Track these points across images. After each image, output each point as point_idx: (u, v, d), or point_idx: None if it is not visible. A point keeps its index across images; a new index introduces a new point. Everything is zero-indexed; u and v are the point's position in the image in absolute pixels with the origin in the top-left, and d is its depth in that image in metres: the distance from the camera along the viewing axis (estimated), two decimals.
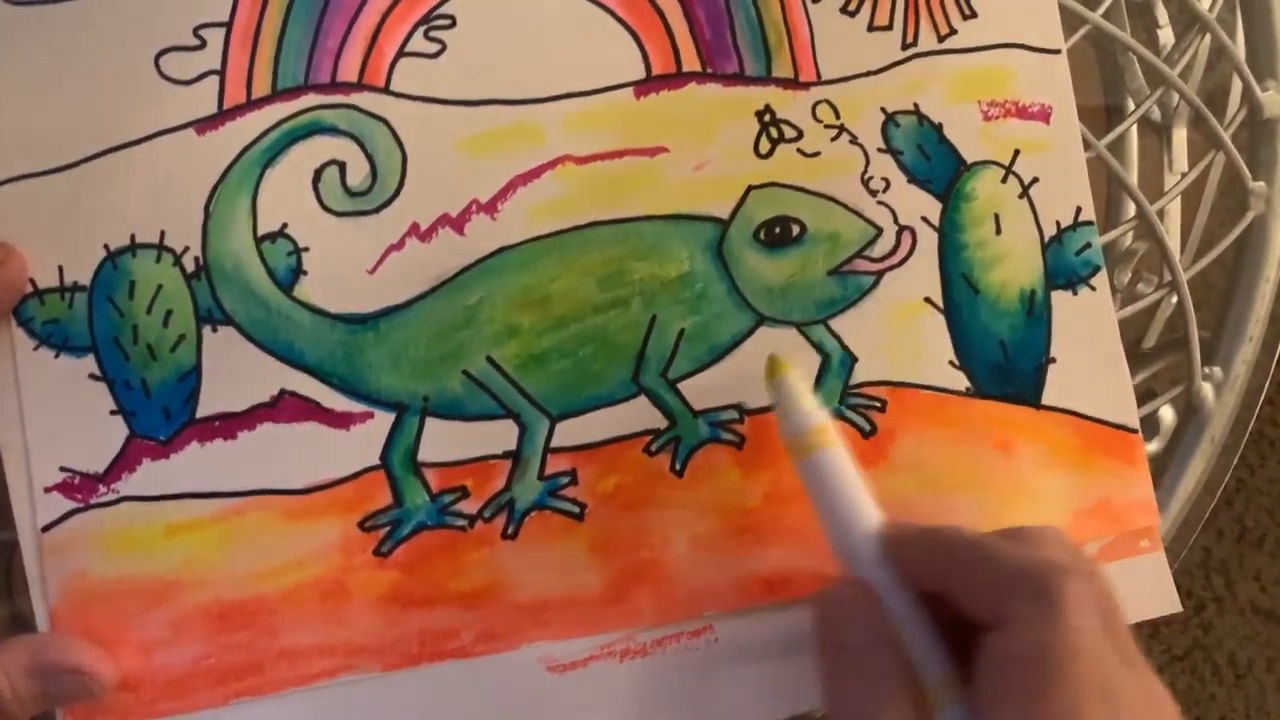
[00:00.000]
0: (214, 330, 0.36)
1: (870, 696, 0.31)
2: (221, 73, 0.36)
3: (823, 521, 0.35)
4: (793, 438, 0.35)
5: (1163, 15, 0.46)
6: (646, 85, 0.37)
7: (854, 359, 0.38)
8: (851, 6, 0.38)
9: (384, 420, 0.36)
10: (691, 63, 0.38)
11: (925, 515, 0.38)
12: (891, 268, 0.38)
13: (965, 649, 0.31)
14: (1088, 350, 0.39)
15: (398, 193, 0.36)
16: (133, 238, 0.35)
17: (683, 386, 0.37)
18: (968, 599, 0.31)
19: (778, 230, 0.38)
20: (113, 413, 0.35)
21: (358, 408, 0.36)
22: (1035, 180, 0.39)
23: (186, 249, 0.36)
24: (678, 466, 0.37)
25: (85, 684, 0.34)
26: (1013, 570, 0.30)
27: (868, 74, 0.38)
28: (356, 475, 0.36)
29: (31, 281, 0.35)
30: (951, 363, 0.39)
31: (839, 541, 0.34)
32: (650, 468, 0.37)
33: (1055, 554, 0.31)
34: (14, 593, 0.37)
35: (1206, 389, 0.44)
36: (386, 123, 0.36)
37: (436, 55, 0.37)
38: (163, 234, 0.35)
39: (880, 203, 0.38)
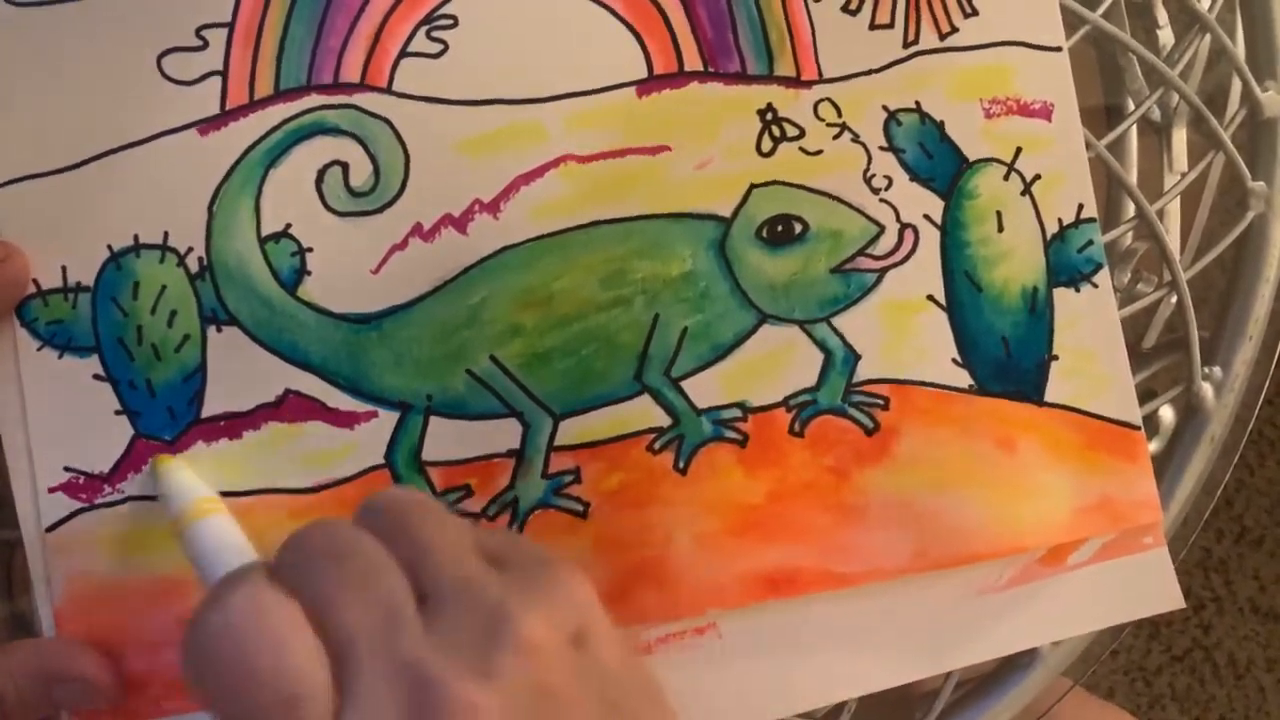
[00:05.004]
0: (218, 330, 0.36)
1: None
2: (224, 73, 0.36)
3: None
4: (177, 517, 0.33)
5: (1162, 15, 0.46)
6: (649, 84, 0.37)
7: (857, 356, 0.38)
8: (853, 5, 0.38)
9: (388, 419, 0.36)
10: (693, 62, 0.38)
11: (928, 512, 0.38)
12: (894, 265, 0.38)
13: None
14: (1090, 347, 0.39)
15: (400, 193, 0.36)
16: (136, 238, 0.35)
17: (686, 385, 0.37)
18: None
19: (780, 228, 0.38)
20: (117, 413, 0.35)
21: (362, 407, 0.36)
22: (1037, 177, 0.39)
23: (190, 249, 0.36)
24: (681, 464, 0.37)
25: (88, 692, 0.34)
26: None
27: (869, 72, 0.38)
28: (361, 474, 0.36)
29: (35, 282, 0.35)
30: (954, 360, 0.39)
31: None
32: (654, 466, 0.37)
33: None
34: (14, 592, 0.37)
35: (1206, 389, 0.44)
36: (389, 123, 0.36)
37: (439, 55, 0.36)
38: (166, 234, 0.35)
39: (882, 201, 0.38)
